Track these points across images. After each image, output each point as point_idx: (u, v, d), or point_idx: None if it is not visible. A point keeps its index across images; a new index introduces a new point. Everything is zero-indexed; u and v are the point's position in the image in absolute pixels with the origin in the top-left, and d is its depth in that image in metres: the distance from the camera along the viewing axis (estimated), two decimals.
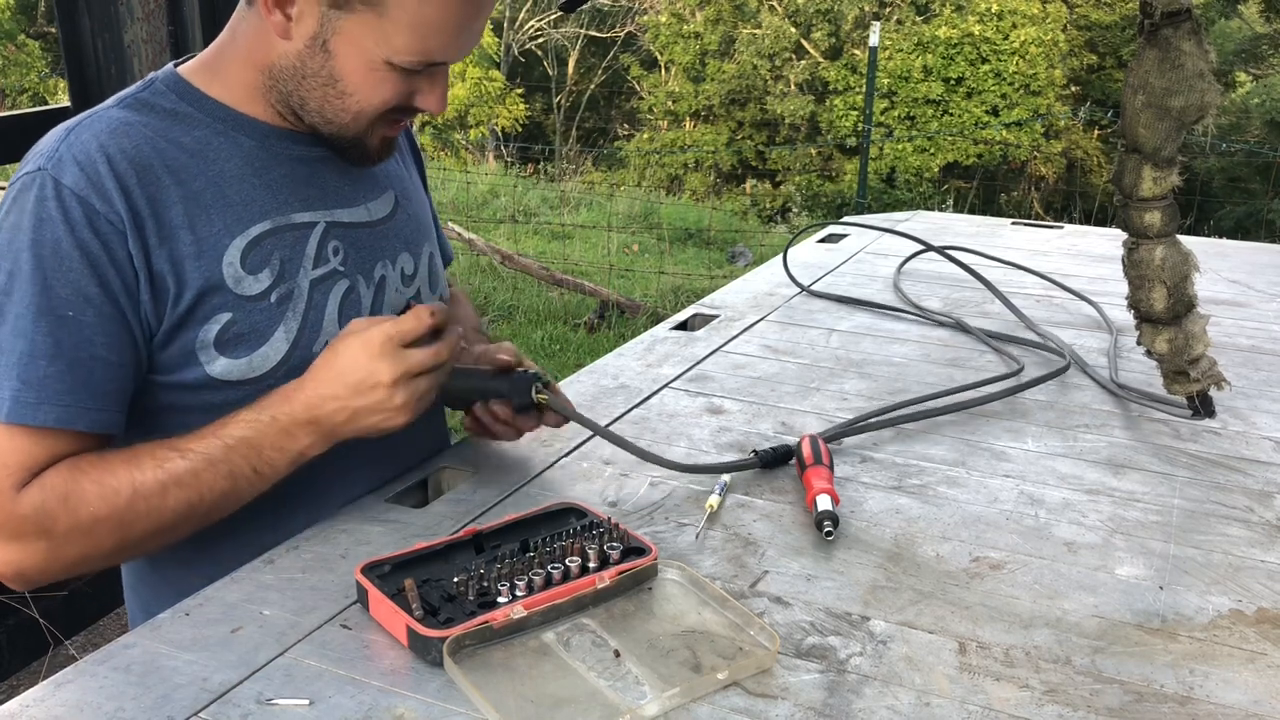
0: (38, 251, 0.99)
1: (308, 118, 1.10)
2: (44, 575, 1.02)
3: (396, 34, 1.03)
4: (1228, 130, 12.38)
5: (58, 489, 0.99)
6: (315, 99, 1.08)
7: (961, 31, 12.96)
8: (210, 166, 1.08)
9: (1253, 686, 0.89)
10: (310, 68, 1.06)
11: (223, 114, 1.10)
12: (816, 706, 0.84)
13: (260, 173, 1.11)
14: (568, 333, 6.39)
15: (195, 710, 0.81)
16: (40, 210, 1.00)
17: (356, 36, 1.03)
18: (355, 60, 1.05)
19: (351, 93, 1.07)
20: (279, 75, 1.08)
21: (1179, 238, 1.38)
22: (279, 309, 1.09)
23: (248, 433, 1.03)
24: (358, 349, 1.04)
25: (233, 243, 1.07)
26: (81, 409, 1.00)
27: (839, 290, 2.06)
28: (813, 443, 1.25)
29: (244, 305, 1.07)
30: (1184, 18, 1.25)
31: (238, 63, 1.11)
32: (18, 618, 2.31)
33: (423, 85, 1.09)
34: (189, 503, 1.02)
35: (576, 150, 15.16)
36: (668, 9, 15.56)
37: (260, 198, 1.10)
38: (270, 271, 1.09)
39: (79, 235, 1.00)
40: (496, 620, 0.89)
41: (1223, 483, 1.28)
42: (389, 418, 1.05)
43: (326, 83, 1.07)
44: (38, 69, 13.08)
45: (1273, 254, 2.55)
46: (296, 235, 1.12)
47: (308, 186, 1.14)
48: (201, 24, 2.34)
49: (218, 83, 1.11)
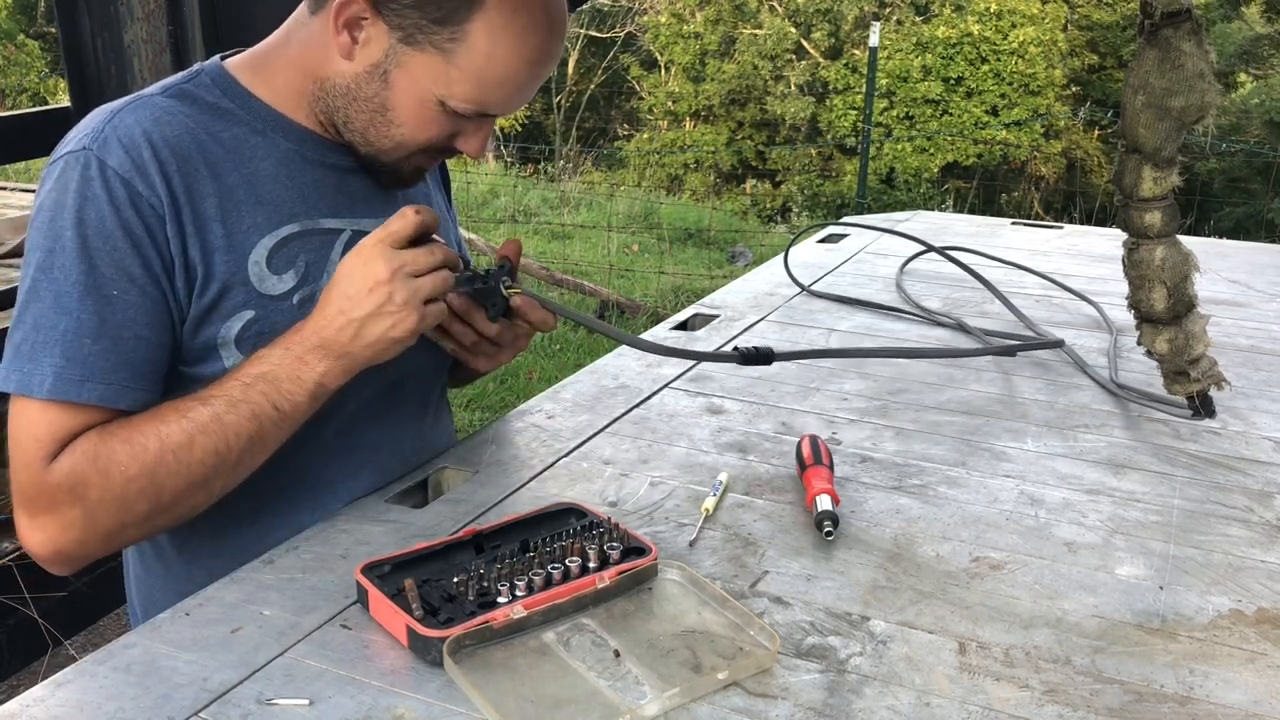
0: (81, 230, 1.00)
1: (349, 135, 1.12)
2: (82, 549, 1.02)
3: (459, 80, 1.04)
4: (1228, 130, 12.37)
5: (88, 452, 0.99)
6: (361, 121, 1.09)
7: (960, 31, 12.96)
8: (245, 164, 1.09)
9: (1253, 686, 0.89)
10: (365, 92, 1.07)
11: (264, 113, 1.12)
12: (816, 706, 0.84)
13: (294, 175, 1.12)
14: (568, 333, 6.39)
15: (195, 710, 0.81)
16: (85, 189, 1.01)
17: (418, 74, 1.05)
18: (411, 95, 1.06)
19: (399, 124, 1.08)
20: (330, 90, 1.09)
21: (1179, 238, 1.38)
22: (300, 311, 1.09)
23: (264, 368, 1.03)
24: (352, 260, 1.03)
25: (261, 241, 1.08)
26: (124, 387, 1.01)
27: (839, 290, 2.06)
28: (813, 443, 1.25)
29: (266, 304, 1.08)
30: (1184, 18, 1.25)
31: (289, 67, 1.12)
32: (17, 618, 2.31)
33: (468, 129, 1.11)
34: (216, 451, 1.01)
35: (576, 150, 15.16)
36: (668, 9, 15.55)
37: (291, 199, 1.11)
38: (295, 273, 1.10)
39: (123, 215, 1.01)
40: (496, 620, 0.89)
41: (1223, 483, 1.28)
42: (395, 323, 1.01)
43: (377, 110, 1.08)
44: (38, 69, 13.07)
45: (1273, 254, 2.55)
46: (323, 240, 1.13)
47: (337, 194, 1.15)
48: (201, 24, 2.34)
49: (264, 83, 1.12)
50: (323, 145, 1.14)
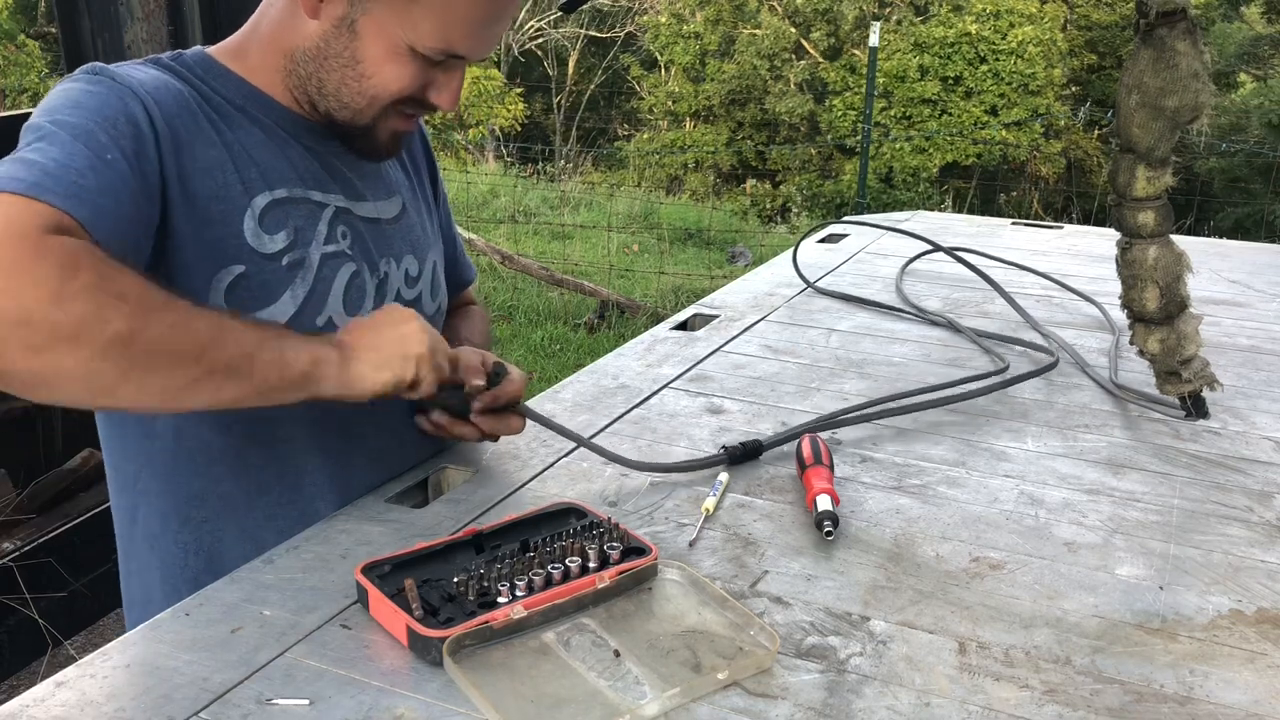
0: (87, 102, 0.99)
1: (323, 103, 1.12)
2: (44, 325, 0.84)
3: (423, 20, 1.05)
4: (1228, 130, 12.37)
5: (95, 252, 0.89)
6: (334, 80, 1.10)
7: (959, 31, 12.96)
8: (237, 128, 1.11)
9: (1253, 686, 0.89)
10: (333, 48, 1.09)
11: (245, 90, 1.13)
12: (816, 706, 0.84)
13: (280, 147, 1.13)
14: (568, 333, 6.40)
15: (195, 710, 0.81)
16: (95, 85, 1.01)
17: (383, 20, 1.06)
18: (379, 43, 1.07)
19: (370, 75, 1.09)
20: (301, 58, 1.11)
21: (1173, 238, 1.38)
22: (290, 273, 1.10)
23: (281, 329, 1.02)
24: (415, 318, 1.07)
25: (255, 198, 1.09)
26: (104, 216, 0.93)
27: (839, 290, 2.06)
28: (813, 443, 1.25)
29: (257, 260, 1.09)
30: (1179, 18, 1.25)
31: (262, 48, 1.13)
32: (17, 618, 2.31)
33: (439, 78, 1.11)
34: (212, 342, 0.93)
35: (576, 150, 15.15)
36: (668, 9, 15.56)
37: (280, 166, 1.13)
38: (286, 235, 1.11)
39: (130, 109, 1.00)
40: (496, 620, 0.89)
41: (1223, 483, 1.28)
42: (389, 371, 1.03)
43: (347, 64, 1.09)
44: (38, 69, 13.06)
45: (1273, 254, 2.55)
46: (311, 209, 1.14)
47: (321, 170, 1.16)
48: (201, 24, 2.34)
49: (243, 65, 1.14)
50: (301, 124, 1.15)
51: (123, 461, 1.18)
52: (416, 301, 1.26)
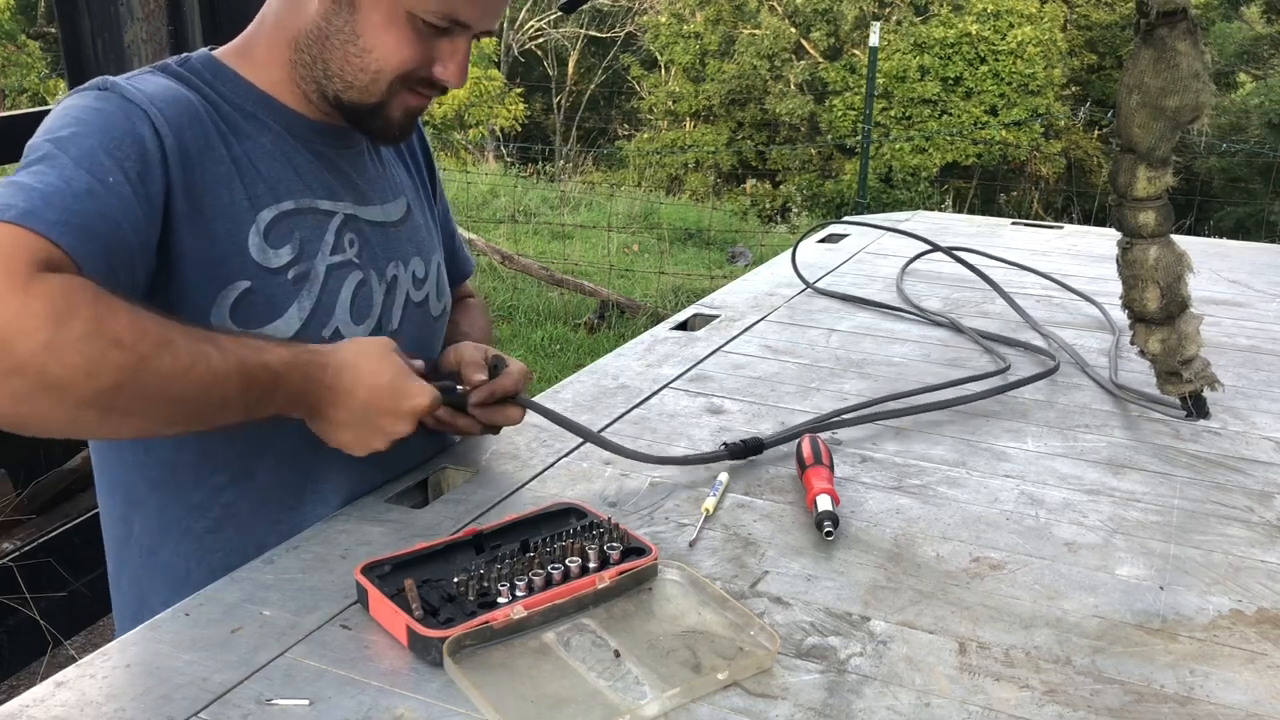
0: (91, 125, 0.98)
1: (330, 86, 1.11)
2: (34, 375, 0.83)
3: None
4: (1228, 130, 12.37)
5: (88, 289, 0.87)
6: (337, 59, 1.09)
7: (959, 31, 12.96)
8: (245, 139, 1.10)
9: (1253, 686, 0.89)
10: (335, 25, 1.08)
11: (254, 95, 1.12)
12: (816, 707, 0.84)
13: (288, 155, 1.13)
14: (568, 333, 6.39)
15: (195, 710, 0.81)
16: (102, 102, 1.01)
17: None
18: (379, 14, 1.07)
19: (371, 49, 1.08)
20: (304, 43, 1.10)
21: (1173, 238, 1.38)
22: (295, 287, 1.10)
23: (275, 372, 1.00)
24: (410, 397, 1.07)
25: (261, 213, 1.08)
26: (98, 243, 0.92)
27: (839, 290, 2.06)
28: (813, 443, 1.25)
29: (263, 276, 1.08)
30: (1180, 18, 1.25)
31: (268, 43, 1.13)
32: (17, 618, 2.31)
33: (443, 52, 1.10)
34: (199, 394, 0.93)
35: (576, 150, 15.15)
36: (668, 9, 15.56)
37: (288, 176, 1.12)
38: (291, 249, 1.10)
39: (138, 129, 1.00)
40: (496, 620, 0.89)
41: (1223, 483, 1.28)
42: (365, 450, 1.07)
43: (349, 39, 1.08)
44: (38, 69, 13.07)
45: (1273, 254, 2.55)
46: (317, 220, 1.14)
47: (329, 177, 1.16)
48: (201, 24, 2.34)
49: (249, 65, 1.13)
50: (311, 128, 1.15)
51: (117, 471, 1.18)
52: (424, 303, 1.26)
